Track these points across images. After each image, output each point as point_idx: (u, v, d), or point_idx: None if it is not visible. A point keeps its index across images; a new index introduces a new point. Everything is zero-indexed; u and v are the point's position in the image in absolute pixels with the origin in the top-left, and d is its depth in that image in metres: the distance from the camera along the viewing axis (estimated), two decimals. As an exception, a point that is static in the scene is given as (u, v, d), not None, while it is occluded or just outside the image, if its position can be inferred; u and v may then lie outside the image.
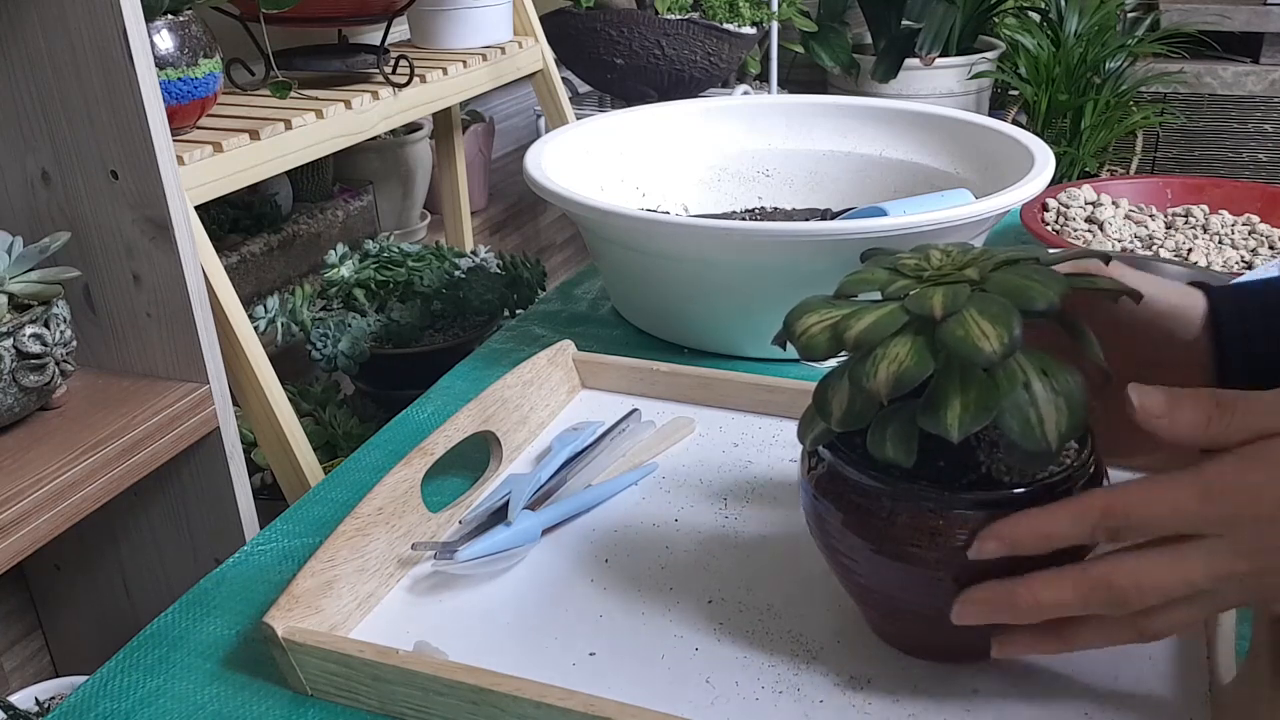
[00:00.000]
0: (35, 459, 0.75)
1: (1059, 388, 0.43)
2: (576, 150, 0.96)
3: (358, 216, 1.61)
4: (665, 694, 0.50)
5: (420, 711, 0.49)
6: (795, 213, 1.03)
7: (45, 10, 0.76)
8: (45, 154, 0.81)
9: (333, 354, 1.28)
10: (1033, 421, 0.42)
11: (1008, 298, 0.43)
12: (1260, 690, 0.44)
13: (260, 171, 1.05)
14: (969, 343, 0.42)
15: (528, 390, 0.73)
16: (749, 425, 0.73)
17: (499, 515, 0.61)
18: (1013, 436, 0.42)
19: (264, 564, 0.62)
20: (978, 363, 0.42)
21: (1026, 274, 0.45)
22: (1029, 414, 0.42)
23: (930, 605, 0.48)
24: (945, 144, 0.99)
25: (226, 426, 0.88)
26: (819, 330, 0.46)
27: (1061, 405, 0.42)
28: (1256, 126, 2.51)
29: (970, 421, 0.42)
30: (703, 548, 0.61)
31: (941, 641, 0.51)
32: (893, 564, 0.47)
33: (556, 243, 2.20)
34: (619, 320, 0.92)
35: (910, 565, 0.46)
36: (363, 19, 1.29)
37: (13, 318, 0.74)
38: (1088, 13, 2.38)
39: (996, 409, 0.42)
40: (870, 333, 0.44)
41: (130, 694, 0.53)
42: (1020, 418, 0.42)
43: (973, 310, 0.43)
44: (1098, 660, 0.51)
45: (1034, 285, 0.44)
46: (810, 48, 2.61)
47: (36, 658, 1.07)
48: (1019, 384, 0.42)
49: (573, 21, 1.93)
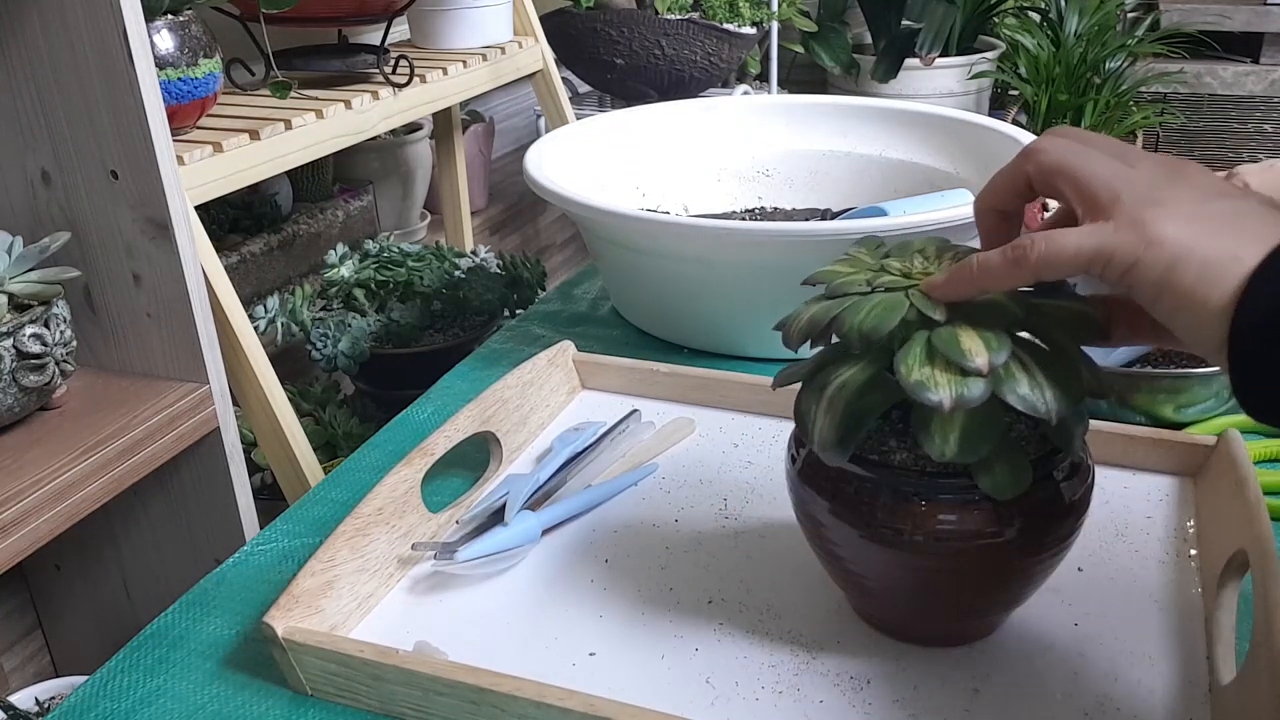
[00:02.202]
0: (35, 459, 0.75)
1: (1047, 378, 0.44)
2: (576, 150, 0.96)
3: (358, 216, 1.61)
4: (665, 694, 0.50)
5: (420, 711, 0.49)
6: (795, 213, 1.03)
7: (45, 10, 0.76)
8: (45, 154, 0.81)
9: (333, 354, 1.28)
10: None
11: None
12: (1260, 690, 0.44)
13: (260, 171, 1.05)
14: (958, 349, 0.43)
15: (528, 391, 0.73)
16: (749, 425, 0.73)
17: (499, 516, 0.61)
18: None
19: (264, 564, 0.62)
20: (968, 370, 0.43)
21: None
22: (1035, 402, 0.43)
23: (918, 589, 0.48)
24: (945, 144, 0.98)
25: (226, 426, 0.88)
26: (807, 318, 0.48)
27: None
28: (1256, 126, 2.51)
29: (959, 450, 0.44)
30: (703, 548, 0.61)
31: (931, 627, 0.52)
32: (880, 549, 0.48)
33: (556, 243, 2.20)
34: (619, 320, 0.92)
35: (897, 550, 0.47)
36: (363, 19, 1.29)
37: (13, 318, 0.74)
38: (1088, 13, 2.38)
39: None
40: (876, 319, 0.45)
41: (130, 694, 0.53)
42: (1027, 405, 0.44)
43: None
44: (1098, 660, 0.51)
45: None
46: (810, 48, 2.61)
47: (36, 658, 1.07)
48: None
49: (573, 21, 1.93)
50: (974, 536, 0.46)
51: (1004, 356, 0.43)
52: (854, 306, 0.46)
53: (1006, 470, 0.45)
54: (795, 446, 0.52)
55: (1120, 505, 0.63)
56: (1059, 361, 0.45)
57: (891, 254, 0.50)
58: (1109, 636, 0.53)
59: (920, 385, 0.42)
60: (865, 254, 0.50)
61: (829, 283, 0.48)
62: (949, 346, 0.43)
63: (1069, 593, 0.56)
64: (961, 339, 0.43)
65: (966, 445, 0.44)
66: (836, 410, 0.46)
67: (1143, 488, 0.65)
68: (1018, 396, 0.43)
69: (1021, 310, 0.45)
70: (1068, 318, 0.46)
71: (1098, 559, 0.58)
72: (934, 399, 0.42)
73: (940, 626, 0.52)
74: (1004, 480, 0.45)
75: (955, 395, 0.42)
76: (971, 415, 0.44)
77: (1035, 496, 0.46)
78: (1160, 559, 0.58)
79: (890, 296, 0.46)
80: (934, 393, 0.42)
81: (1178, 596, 0.55)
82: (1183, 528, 0.61)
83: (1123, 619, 0.54)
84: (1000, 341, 0.43)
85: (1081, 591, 0.56)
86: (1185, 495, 0.64)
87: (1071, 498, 0.48)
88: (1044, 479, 0.47)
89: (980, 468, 0.45)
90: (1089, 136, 0.46)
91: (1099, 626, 0.53)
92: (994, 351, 0.43)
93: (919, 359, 0.43)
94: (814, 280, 0.50)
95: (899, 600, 0.51)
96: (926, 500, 0.46)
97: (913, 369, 0.43)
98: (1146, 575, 0.57)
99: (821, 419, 0.46)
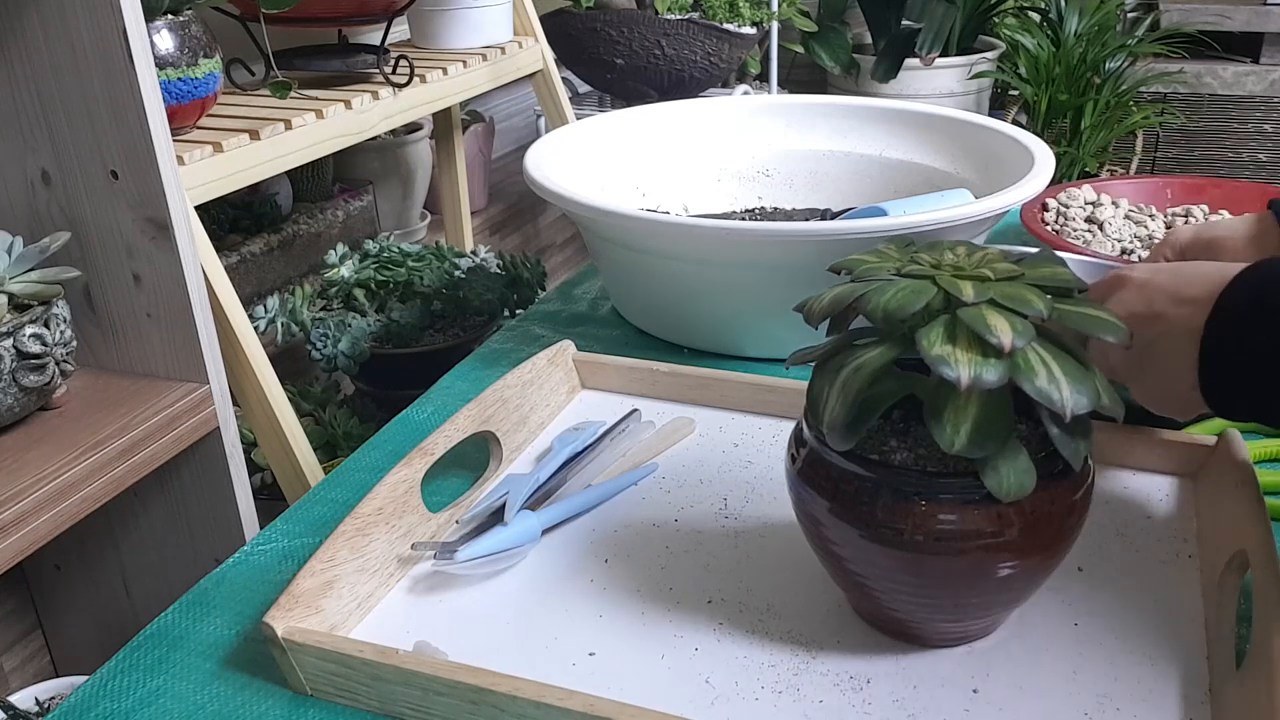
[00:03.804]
0: (35, 459, 0.75)
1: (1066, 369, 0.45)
2: (576, 150, 0.96)
3: (358, 216, 1.61)
4: (665, 694, 0.50)
5: (420, 711, 0.49)
6: (795, 213, 1.03)
7: (45, 10, 0.76)
8: (45, 154, 0.81)
9: (333, 354, 1.28)
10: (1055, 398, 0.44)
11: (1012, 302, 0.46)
12: (1260, 690, 0.44)
13: (260, 171, 1.05)
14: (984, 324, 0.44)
15: (528, 390, 0.73)
16: (749, 425, 0.73)
17: (498, 516, 0.61)
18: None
19: (264, 564, 0.62)
20: (990, 345, 0.43)
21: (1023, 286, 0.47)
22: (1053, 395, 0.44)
23: (918, 589, 0.49)
24: (945, 144, 0.98)
25: (226, 426, 0.88)
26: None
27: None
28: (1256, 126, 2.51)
29: (968, 443, 0.44)
30: (703, 548, 0.61)
31: (931, 627, 0.52)
32: (880, 549, 0.48)
33: (556, 243, 2.20)
34: (619, 320, 0.92)
35: (897, 550, 0.47)
36: (363, 19, 1.29)
37: (13, 318, 0.74)
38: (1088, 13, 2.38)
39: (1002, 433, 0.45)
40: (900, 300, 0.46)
41: (130, 694, 0.53)
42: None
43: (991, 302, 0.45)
44: (1098, 661, 0.51)
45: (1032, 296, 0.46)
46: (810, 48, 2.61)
47: (36, 658, 1.07)
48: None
49: (573, 21, 1.93)
50: (974, 536, 0.46)
51: (1026, 341, 0.43)
52: (880, 288, 0.46)
53: (1012, 471, 0.45)
54: (795, 446, 0.52)
55: (1120, 505, 0.63)
56: (1077, 362, 0.45)
57: (922, 250, 0.50)
58: (1109, 636, 0.53)
59: (940, 359, 0.43)
60: (893, 250, 0.51)
61: (855, 269, 0.49)
62: (976, 321, 0.44)
63: (1069, 593, 0.56)
64: (989, 316, 0.44)
65: (976, 438, 0.44)
66: (850, 393, 0.46)
67: (1143, 488, 0.65)
68: (1034, 388, 0.43)
69: (1048, 309, 0.45)
70: (1087, 321, 0.47)
71: (1098, 559, 0.58)
72: (952, 375, 0.42)
73: (940, 626, 0.52)
74: (1010, 481, 0.45)
75: (973, 374, 0.42)
76: (984, 408, 0.44)
77: (1036, 497, 0.46)
78: (1160, 559, 0.58)
79: (917, 282, 0.46)
80: (953, 369, 0.42)
81: (1178, 596, 0.55)
82: (1183, 528, 0.61)
83: (1123, 619, 0.54)
84: (1025, 327, 0.44)
85: (1081, 591, 0.56)
86: (1185, 495, 0.64)
87: (1071, 498, 0.48)
88: (1045, 479, 0.47)
89: (987, 467, 0.45)
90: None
91: (1099, 626, 0.53)
92: (1018, 334, 0.43)
93: (941, 336, 0.44)
94: (839, 268, 0.50)
95: (899, 600, 0.51)
96: (926, 500, 0.46)
97: (935, 343, 0.43)
98: (1146, 575, 0.57)
99: (834, 400, 0.46)
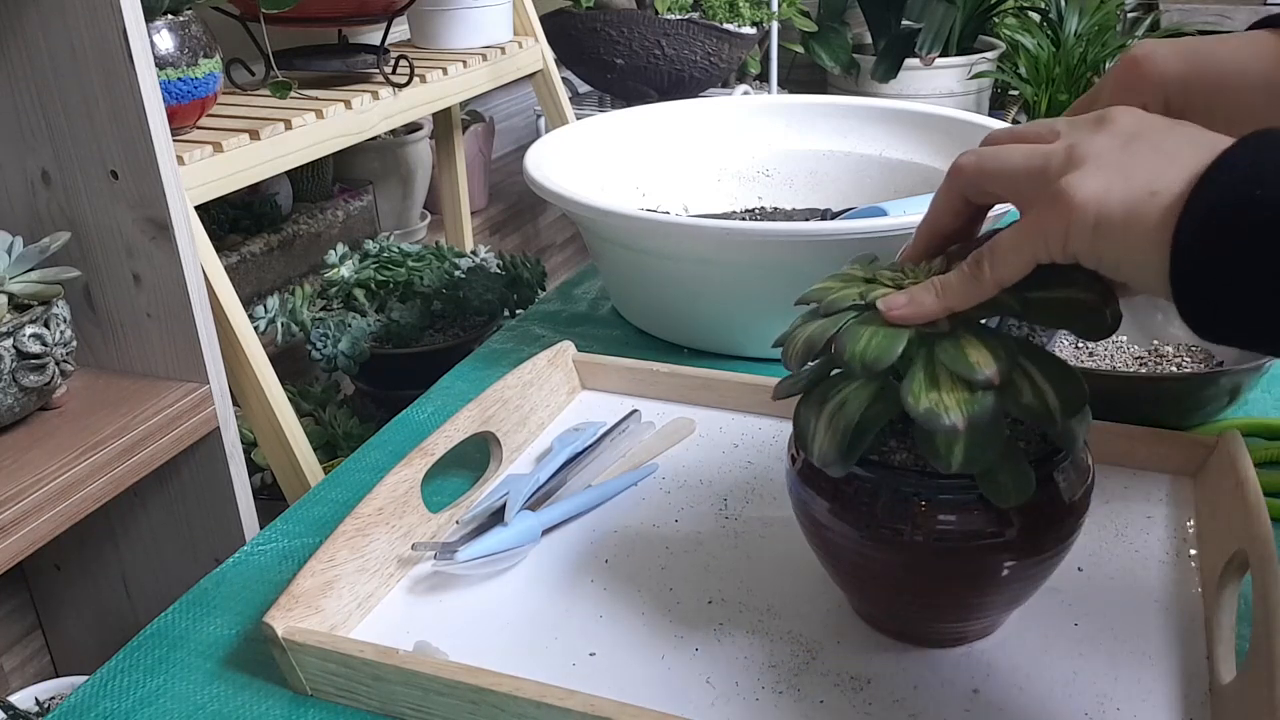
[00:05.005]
0: (35, 459, 0.75)
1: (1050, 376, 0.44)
2: (576, 150, 0.96)
3: (358, 216, 1.61)
4: (665, 694, 0.50)
5: (420, 711, 0.49)
6: (795, 213, 1.03)
7: (45, 10, 0.76)
8: (45, 154, 0.81)
9: (333, 354, 1.28)
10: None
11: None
12: (1260, 690, 0.44)
13: (260, 171, 1.05)
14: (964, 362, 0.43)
15: (528, 391, 0.73)
16: (749, 425, 0.73)
17: (498, 516, 0.61)
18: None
19: (264, 564, 0.62)
20: (977, 382, 0.43)
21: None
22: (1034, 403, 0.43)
23: (918, 589, 0.49)
24: (945, 144, 0.98)
25: (226, 426, 0.88)
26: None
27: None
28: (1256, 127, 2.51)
29: (964, 460, 0.43)
30: (703, 548, 0.61)
31: (931, 627, 0.52)
32: (880, 549, 0.48)
33: (556, 243, 2.20)
34: (619, 320, 0.92)
35: (897, 550, 0.47)
36: (363, 19, 1.29)
37: (13, 318, 0.74)
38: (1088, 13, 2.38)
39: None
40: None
41: (130, 694, 0.53)
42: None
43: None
44: (1098, 660, 0.51)
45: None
46: (810, 48, 2.61)
47: (36, 658, 1.07)
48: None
49: (573, 21, 1.93)
50: (974, 536, 0.46)
51: (1010, 364, 0.43)
52: (854, 333, 0.45)
53: (1010, 478, 0.45)
54: (795, 447, 0.52)
55: (1120, 505, 0.63)
56: (1056, 360, 0.45)
57: (885, 269, 0.50)
58: (1109, 636, 0.53)
59: (931, 413, 0.42)
60: (858, 269, 0.50)
61: (820, 300, 0.48)
62: (956, 361, 0.43)
63: (1069, 593, 0.56)
64: (968, 351, 0.43)
65: (972, 455, 0.43)
66: (838, 428, 0.46)
67: (1143, 488, 0.65)
68: (1020, 407, 0.43)
69: (1018, 305, 0.45)
70: (1062, 309, 0.45)
71: (1098, 559, 0.58)
72: (947, 424, 0.42)
73: (940, 626, 0.52)
74: (1007, 488, 0.45)
75: (967, 415, 0.42)
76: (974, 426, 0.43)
77: (1035, 497, 0.46)
78: (1160, 559, 0.58)
79: (889, 328, 0.45)
80: (946, 418, 0.42)
81: (1178, 596, 0.55)
82: (1183, 528, 0.61)
83: (1123, 619, 0.54)
84: (1005, 348, 0.43)
85: (1081, 591, 0.56)
86: (1185, 495, 0.64)
87: (1071, 498, 0.48)
88: (1044, 479, 0.46)
89: (984, 476, 0.45)
90: (1021, 130, 0.45)
91: (1099, 626, 0.53)
92: (1001, 361, 0.43)
93: (923, 385, 0.43)
94: (805, 300, 0.49)
95: (899, 600, 0.51)
96: (926, 500, 0.46)
97: (920, 397, 0.42)
98: (1146, 575, 0.57)
99: (822, 435, 0.46)
